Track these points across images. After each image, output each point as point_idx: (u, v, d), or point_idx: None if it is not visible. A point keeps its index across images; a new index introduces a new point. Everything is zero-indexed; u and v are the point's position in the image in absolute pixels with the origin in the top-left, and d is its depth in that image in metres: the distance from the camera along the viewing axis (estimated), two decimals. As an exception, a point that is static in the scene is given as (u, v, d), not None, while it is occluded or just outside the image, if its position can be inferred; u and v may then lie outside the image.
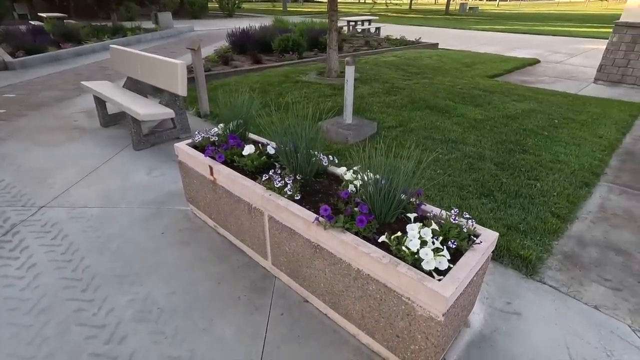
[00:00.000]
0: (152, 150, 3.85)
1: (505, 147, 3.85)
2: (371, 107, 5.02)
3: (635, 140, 4.38)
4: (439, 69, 7.79)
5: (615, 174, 3.50)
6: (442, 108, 5.05)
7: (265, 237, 2.03)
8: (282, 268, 2.02)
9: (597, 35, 15.26)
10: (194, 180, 2.46)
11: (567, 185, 3.11)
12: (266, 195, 1.86)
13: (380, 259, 1.41)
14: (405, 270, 1.35)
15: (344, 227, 1.57)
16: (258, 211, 1.97)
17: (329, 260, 1.65)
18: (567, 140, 4.10)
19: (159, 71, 3.79)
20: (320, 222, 1.60)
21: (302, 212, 1.71)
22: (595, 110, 5.27)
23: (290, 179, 1.86)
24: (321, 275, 1.75)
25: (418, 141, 3.93)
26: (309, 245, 1.73)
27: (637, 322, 1.89)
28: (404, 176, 1.59)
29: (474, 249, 1.47)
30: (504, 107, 5.25)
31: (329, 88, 5.86)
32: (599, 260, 2.32)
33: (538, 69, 8.80)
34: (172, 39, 12.61)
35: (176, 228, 2.58)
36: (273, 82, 6.16)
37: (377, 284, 1.47)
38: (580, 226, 2.66)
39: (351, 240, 1.51)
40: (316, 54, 9.47)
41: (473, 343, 1.74)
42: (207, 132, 2.53)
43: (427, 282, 1.29)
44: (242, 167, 2.17)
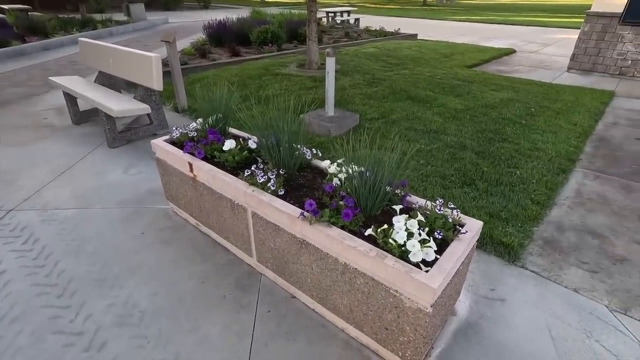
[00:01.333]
0: (128, 147, 3.71)
1: (485, 136, 3.91)
2: (353, 98, 5.00)
3: (607, 126, 4.54)
4: (418, 59, 7.83)
5: (590, 159, 3.61)
6: (423, 98, 5.08)
7: (250, 234, 1.99)
8: (268, 265, 1.98)
9: (569, 25, 15.68)
10: (174, 178, 2.38)
11: (545, 172, 3.19)
12: (249, 191, 1.81)
13: (368, 253, 1.39)
14: (392, 262, 1.34)
15: (330, 221, 1.55)
16: (241, 208, 1.92)
17: (316, 255, 1.63)
18: (544, 128, 4.20)
19: (133, 65, 3.64)
20: (305, 217, 1.57)
21: (287, 207, 1.67)
22: (569, 99, 5.41)
23: (273, 174, 1.82)
24: (308, 271, 1.72)
25: (400, 132, 3.94)
26: (294, 241, 1.70)
27: (614, 302, 1.96)
28: (388, 168, 1.58)
29: (459, 238, 1.47)
30: (483, 96, 5.32)
31: (309, 80, 5.80)
32: (577, 245, 2.39)
33: (514, 59, 8.97)
34: (146, 32, 12.17)
35: (157, 227, 2.50)
36: (252, 75, 6.04)
37: (364, 278, 1.46)
38: (558, 212, 2.74)
39: (337, 235, 1.49)
40: (296, 46, 9.34)
41: (460, 331, 1.77)
42: (185, 127, 2.44)
43: (414, 274, 1.29)
44: (223, 163, 2.11)
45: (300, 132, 1.95)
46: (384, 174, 1.58)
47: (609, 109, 5.19)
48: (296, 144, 1.92)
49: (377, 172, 1.60)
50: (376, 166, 1.61)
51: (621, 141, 4.08)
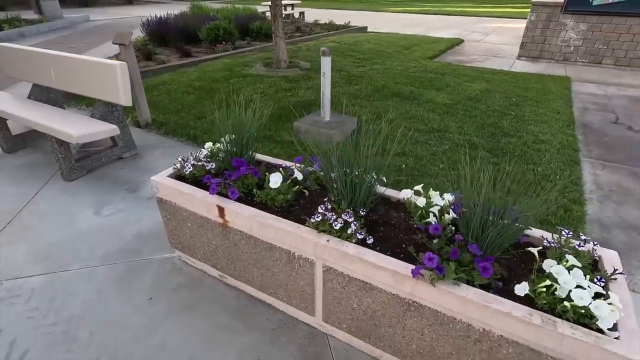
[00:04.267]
0: (91, 179, 2.99)
1: (487, 132, 3.81)
2: (338, 99, 4.64)
3: (581, 112, 4.73)
4: (382, 53, 7.68)
5: (586, 148, 3.67)
6: (408, 95, 4.89)
7: (315, 292, 1.56)
8: (342, 326, 1.58)
9: (498, 14, 16.80)
10: (188, 224, 1.85)
11: (562, 166, 3.14)
12: (322, 242, 1.39)
13: (529, 319, 1.07)
14: (570, 331, 1.04)
15: (457, 277, 1.20)
16: (306, 261, 1.49)
17: (432, 319, 1.27)
18: (534, 118, 4.23)
19: (88, 76, 2.91)
20: (423, 276, 1.21)
21: (387, 261, 1.29)
22: (537, 86, 5.60)
23: (349, 216, 1.41)
24: (414, 336, 1.36)
25: (404, 133, 3.68)
26: (397, 302, 1.33)
27: (698, 306, 1.88)
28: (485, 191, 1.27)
29: (616, 281, 1.22)
30: (462, 88, 5.29)
31: (284, 81, 5.31)
32: (630, 244, 2.32)
33: (465, 49, 9.25)
34: (66, 32, 10.58)
35: (167, 287, 1.95)
36: (217, 78, 5.39)
37: (516, 348, 1.14)
38: (593, 208, 2.67)
39: (477, 297, 1.15)
40: (249, 43, 8.70)
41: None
42: (194, 156, 1.91)
43: (607, 345, 1.00)
44: (265, 203, 1.64)
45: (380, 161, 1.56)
46: (496, 202, 1.27)
47: (573, 94, 5.45)
48: (371, 172, 1.52)
49: (492, 202, 1.28)
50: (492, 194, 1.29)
51: (601, 126, 4.25)
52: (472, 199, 1.31)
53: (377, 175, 1.54)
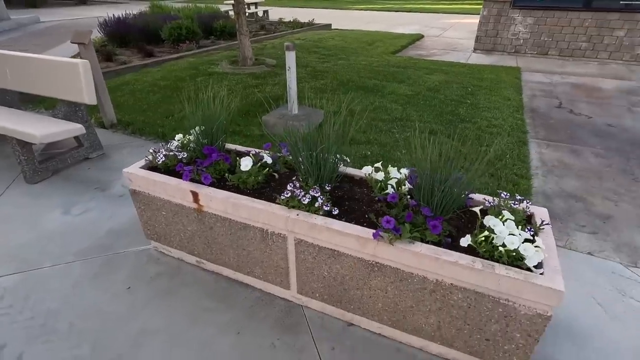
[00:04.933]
0: (56, 180, 2.94)
1: (445, 119, 4.07)
2: (305, 93, 4.77)
3: (529, 98, 5.12)
4: (347, 49, 7.88)
5: (534, 130, 4.02)
6: (372, 87, 5.09)
7: (289, 265, 1.69)
8: (316, 295, 1.71)
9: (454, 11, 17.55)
10: (162, 212, 1.91)
11: (511, 147, 3.43)
12: (292, 216, 1.51)
13: (472, 265, 1.25)
14: (505, 272, 1.22)
15: (411, 236, 1.36)
16: (279, 237, 1.61)
17: (394, 277, 1.43)
18: (488, 105, 4.55)
19: (48, 75, 2.86)
20: (382, 237, 1.36)
21: (352, 228, 1.43)
22: (490, 77, 5.99)
23: (316, 191, 1.54)
24: (379, 295, 1.52)
25: (369, 123, 3.87)
26: (362, 265, 1.47)
27: (623, 258, 2.17)
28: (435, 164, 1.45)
29: (543, 231, 1.42)
30: (422, 80, 5.57)
31: (251, 78, 5.37)
32: (568, 210, 2.61)
33: (426, 43, 9.65)
34: (14, 34, 10.00)
35: (145, 277, 2.00)
36: (183, 77, 5.36)
37: (464, 292, 1.32)
38: (538, 182, 2.96)
39: (429, 251, 1.31)
40: (213, 42, 8.64)
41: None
42: (166, 148, 1.97)
43: (534, 280, 1.19)
44: (237, 187, 1.74)
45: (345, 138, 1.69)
46: (442, 171, 1.45)
47: (523, 82, 5.88)
48: (334, 152, 1.66)
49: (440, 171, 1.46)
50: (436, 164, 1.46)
51: (547, 111, 4.64)
52: (423, 169, 1.47)
53: (340, 155, 1.68)
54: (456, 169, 1.50)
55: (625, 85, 5.81)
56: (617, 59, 7.35)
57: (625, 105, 4.87)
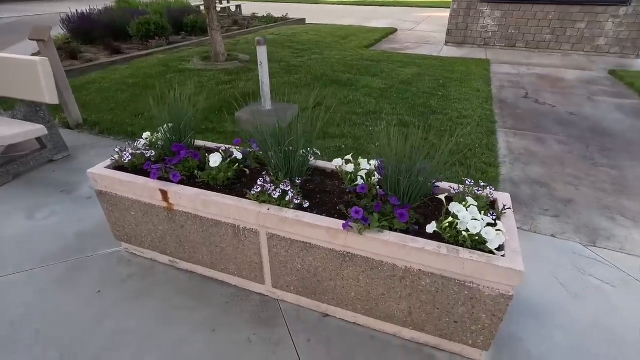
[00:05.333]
0: (18, 184, 2.81)
1: (418, 111, 4.14)
2: (279, 89, 4.74)
3: (498, 89, 5.29)
4: (321, 43, 7.87)
5: (502, 120, 4.16)
6: (346, 82, 5.12)
7: (263, 260, 1.69)
8: (290, 288, 1.72)
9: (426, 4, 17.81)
10: (132, 213, 1.87)
11: (480, 136, 3.54)
12: (263, 211, 1.51)
13: (438, 251, 1.29)
14: (469, 255, 1.27)
15: (380, 226, 1.39)
16: (251, 232, 1.61)
17: (365, 266, 1.46)
18: (458, 97, 4.67)
19: (6, 74, 2.72)
20: (352, 228, 1.38)
21: (322, 220, 1.45)
22: (461, 69, 6.14)
23: (287, 185, 1.55)
24: (352, 284, 1.55)
25: (343, 117, 3.89)
26: (334, 256, 1.49)
27: (582, 238, 2.29)
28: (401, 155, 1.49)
29: (505, 215, 1.48)
30: (396, 73, 5.64)
31: (223, 74, 5.28)
32: (533, 195, 2.72)
33: (399, 37, 9.77)
34: (-30, 31, 9.46)
35: (116, 279, 1.95)
36: (152, 74, 5.21)
37: (431, 277, 1.36)
38: (505, 169, 3.07)
39: (397, 239, 1.35)
40: (184, 38, 8.44)
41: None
42: (133, 146, 1.92)
43: (496, 262, 1.24)
44: (208, 183, 1.72)
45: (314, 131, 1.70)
46: (414, 163, 1.48)
47: (492, 74, 6.06)
48: (303, 145, 1.67)
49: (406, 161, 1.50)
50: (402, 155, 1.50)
51: (514, 101, 4.81)
52: (390, 160, 1.50)
53: (311, 148, 1.69)
54: (422, 159, 1.54)
55: (586, 75, 6.09)
56: (579, 50, 7.68)
57: (586, 94, 5.10)
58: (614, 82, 5.72)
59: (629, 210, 2.56)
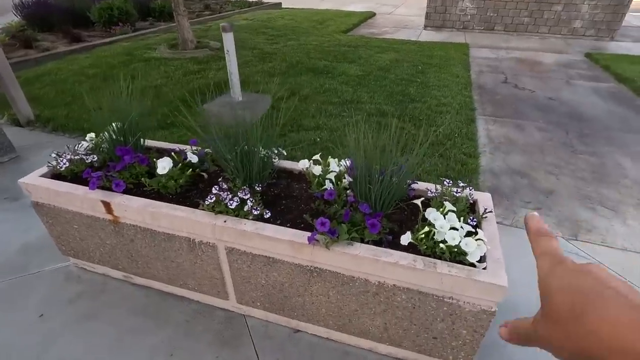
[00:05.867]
0: (-42, 191, 2.53)
1: (396, 99, 3.99)
2: (252, 78, 4.49)
3: (477, 74, 5.19)
4: (297, 29, 7.56)
5: (481, 106, 4.06)
6: (322, 69, 4.90)
7: (224, 275, 1.52)
8: (257, 304, 1.57)
9: (407, -13, 17.44)
10: (74, 226, 1.66)
11: (460, 125, 3.43)
12: (219, 224, 1.34)
13: (414, 265, 1.16)
14: (447, 269, 1.14)
15: (350, 237, 1.24)
16: (208, 246, 1.43)
17: (334, 281, 1.31)
18: (437, 83, 4.53)
19: None
20: (319, 241, 1.23)
21: (284, 233, 1.28)
22: (440, 54, 5.99)
23: (246, 193, 1.37)
24: (322, 300, 1.40)
25: (319, 107, 3.70)
26: (300, 271, 1.34)
27: (564, 231, 2.21)
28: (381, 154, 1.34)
29: (486, 220, 1.36)
30: (373, 59, 5.45)
31: (192, 63, 4.97)
32: (514, 187, 2.64)
33: (378, 21, 9.53)
34: None
35: (62, 299, 1.75)
36: (115, 64, 4.85)
37: (407, 293, 1.23)
38: (485, 160, 2.97)
39: (368, 253, 1.20)
40: (152, 24, 7.96)
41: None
42: (73, 150, 1.69)
43: (477, 277, 1.11)
44: (158, 192, 1.53)
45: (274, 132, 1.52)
46: (384, 163, 1.33)
47: (471, 59, 5.95)
48: (263, 146, 1.49)
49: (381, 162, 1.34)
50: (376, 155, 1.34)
51: (493, 86, 4.72)
52: (359, 160, 1.34)
53: (270, 148, 1.51)
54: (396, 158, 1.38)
55: (564, 58, 6.06)
56: (556, 33, 7.66)
57: (564, 78, 5.06)
58: (590, 65, 5.71)
59: (608, 199, 2.51)
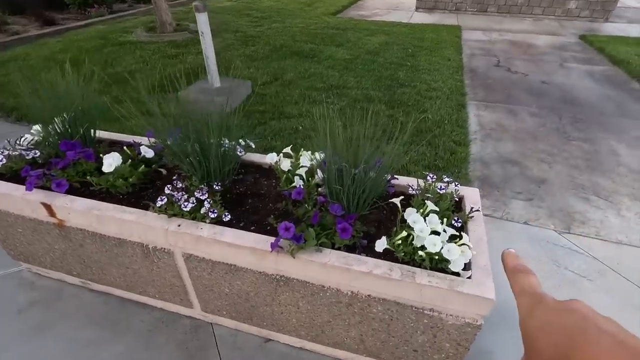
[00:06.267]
0: None
1: (384, 84, 3.81)
2: (233, 62, 4.25)
3: (469, 58, 5.00)
4: (283, 10, 7.25)
5: (473, 91, 3.89)
6: (308, 53, 4.68)
7: (185, 282, 1.37)
8: (223, 313, 1.43)
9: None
10: (18, 229, 1.49)
11: (450, 111, 3.27)
12: (172, 228, 1.18)
13: (389, 275, 1.02)
14: (427, 279, 1.00)
15: (318, 243, 1.10)
16: (163, 252, 1.28)
17: (303, 291, 1.17)
18: (428, 67, 4.34)
19: None
20: (283, 249, 1.08)
21: (245, 238, 1.13)
22: (432, 36, 5.78)
23: (203, 193, 1.21)
24: (291, 311, 1.26)
25: (302, 93, 3.51)
26: (265, 280, 1.19)
27: (557, 224, 2.10)
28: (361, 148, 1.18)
29: (473, 220, 1.22)
30: (362, 43, 5.23)
31: (170, 47, 4.70)
32: (505, 176, 2.51)
33: (368, 3, 9.20)
34: None
35: (13, 308, 1.59)
36: (89, 48, 4.57)
37: (384, 304, 1.10)
38: (476, 148, 2.83)
39: (339, 261, 1.05)
40: (131, 5, 7.58)
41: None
42: (13, 144, 1.51)
43: (460, 288, 0.98)
44: (107, 190, 1.36)
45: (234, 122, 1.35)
46: (364, 157, 1.18)
47: (463, 41, 5.74)
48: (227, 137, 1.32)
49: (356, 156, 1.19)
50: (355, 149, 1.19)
51: (485, 70, 4.54)
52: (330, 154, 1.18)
53: (233, 139, 1.34)
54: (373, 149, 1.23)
55: (557, 40, 5.88)
56: (550, 14, 7.45)
57: (558, 61, 4.90)
58: (584, 48, 5.55)
59: (603, 188, 2.39)
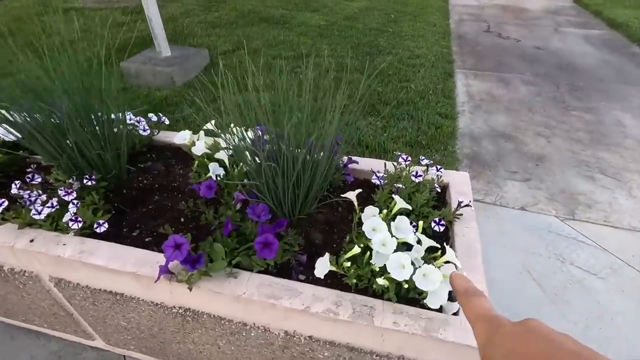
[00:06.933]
0: None
1: (362, 52, 3.38)
2: (191, 29, 3.74)
3: (457, 23, 4.57)
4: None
5: (461, 59, 3.50)
6: (279, 19, 4.17)
7: (72, 312, 1.00)
8: (130, 347, 1.07)
9: None
10: None
11: (435, 80, 2.88)
12: (20, 245, 0.79)
13: (335, 313, 0.66)
14: (391, 322, 0.65)
15: (231, 264, 0.73)
16: (23, 275, 0.90)
17: (219, 329, 0.81)
18: (411, 33, 3.91)
19: None
20: (174, 278, 0.70)
21: (124, 259, 0.75)
22: (416, 1, 5.29)
23: (69, 192, 0.82)
24: (211, 350, 0.91)
25: (267, 63, 3.06)
26: (166, 314, 0.83)
27: (559, 209, 1.78)
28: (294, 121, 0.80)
29: (462, 219, 0.86)
30: (340, 8, 4.73)
31: (120, 13, 4.14)
32: (497, 153, 2.16)
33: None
34: None
35: None
36: (23, 17, 3.97)
37: (332, 350, 0.75)
38: (464, 121, 2.47)
39: (259, 293, 0.69)
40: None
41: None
42: None
43: (442, 333, 0.63)
44: (-54, 190, 0.95)
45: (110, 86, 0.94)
46: (301, 134, 0.80)
47: (450, 6, 5.28)
48: (112, 111, 0.92)
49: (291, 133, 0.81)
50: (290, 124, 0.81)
51: (475, 36, 4.13)
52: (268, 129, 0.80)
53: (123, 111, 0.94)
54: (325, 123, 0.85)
55: (551, 4, 5.47)
56: (543, -22, 6.97)
57: (552, 25, 4.51)
58: (580, 11, 5.16)
59: (610, 165, 2.07)
